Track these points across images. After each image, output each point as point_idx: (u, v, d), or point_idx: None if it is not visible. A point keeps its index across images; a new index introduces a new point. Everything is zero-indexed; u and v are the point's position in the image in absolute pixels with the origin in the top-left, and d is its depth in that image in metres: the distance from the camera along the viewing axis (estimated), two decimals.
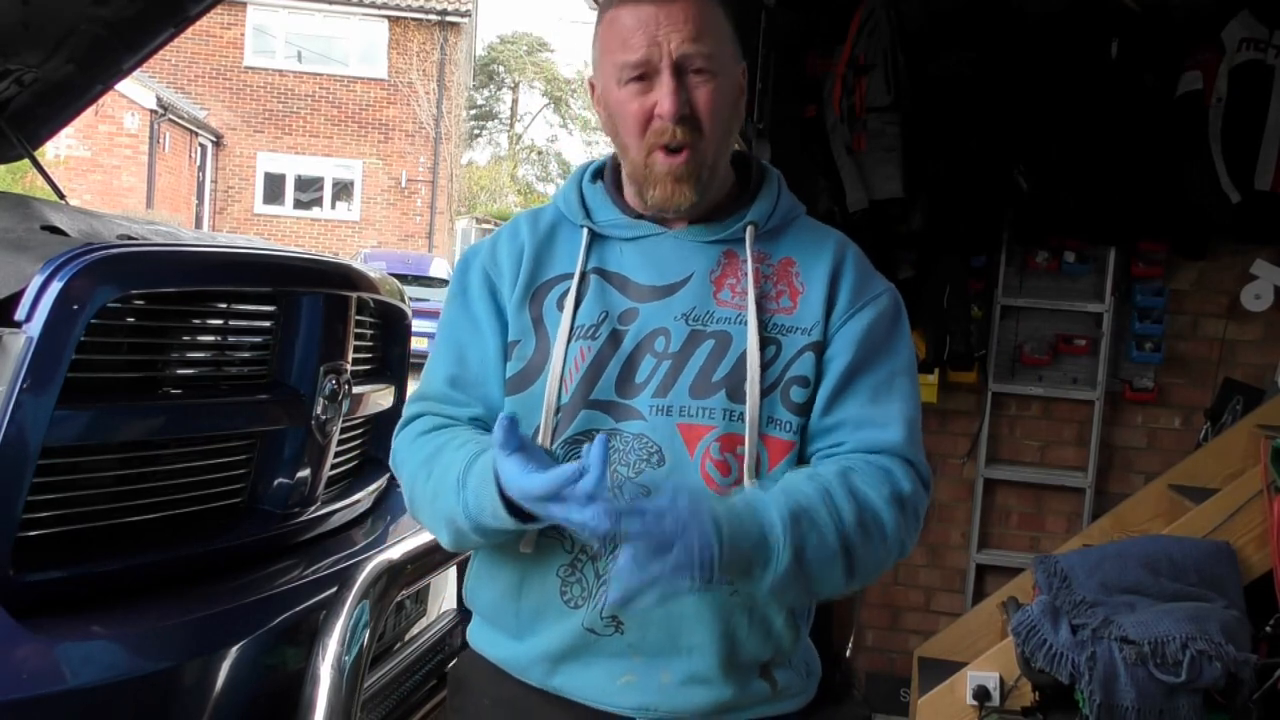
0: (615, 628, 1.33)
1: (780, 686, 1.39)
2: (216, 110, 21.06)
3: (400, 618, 2.11)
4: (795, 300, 1.39)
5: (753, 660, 1.36)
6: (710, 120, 1.34)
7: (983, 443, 4.01)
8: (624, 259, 1.40)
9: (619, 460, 1.32)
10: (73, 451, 1.56)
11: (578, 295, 1.38)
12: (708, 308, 1.37)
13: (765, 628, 1.36)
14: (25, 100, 2.85)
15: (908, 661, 3.83)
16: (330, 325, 1.98)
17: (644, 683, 1.34)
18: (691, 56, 1.32)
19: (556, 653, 1.36)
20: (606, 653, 1.34)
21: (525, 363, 1.38)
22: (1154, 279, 3.91)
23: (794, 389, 1.35)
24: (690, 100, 1.33)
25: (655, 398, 1.33)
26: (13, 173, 11.02)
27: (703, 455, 1.32)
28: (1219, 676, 2.59)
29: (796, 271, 1.40)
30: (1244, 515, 2.98)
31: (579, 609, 1.34)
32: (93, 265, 1.52)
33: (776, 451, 1.34)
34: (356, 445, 2.35)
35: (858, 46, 3.54)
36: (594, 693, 1.36)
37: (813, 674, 1.46)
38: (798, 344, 1.37)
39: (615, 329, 1.36)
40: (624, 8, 1.35)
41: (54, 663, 1.42)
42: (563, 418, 1.34)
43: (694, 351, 1.35)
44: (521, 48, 36.33)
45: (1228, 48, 3.54)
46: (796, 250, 1.42)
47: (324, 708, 1.63)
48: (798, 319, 1.37)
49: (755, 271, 1.38)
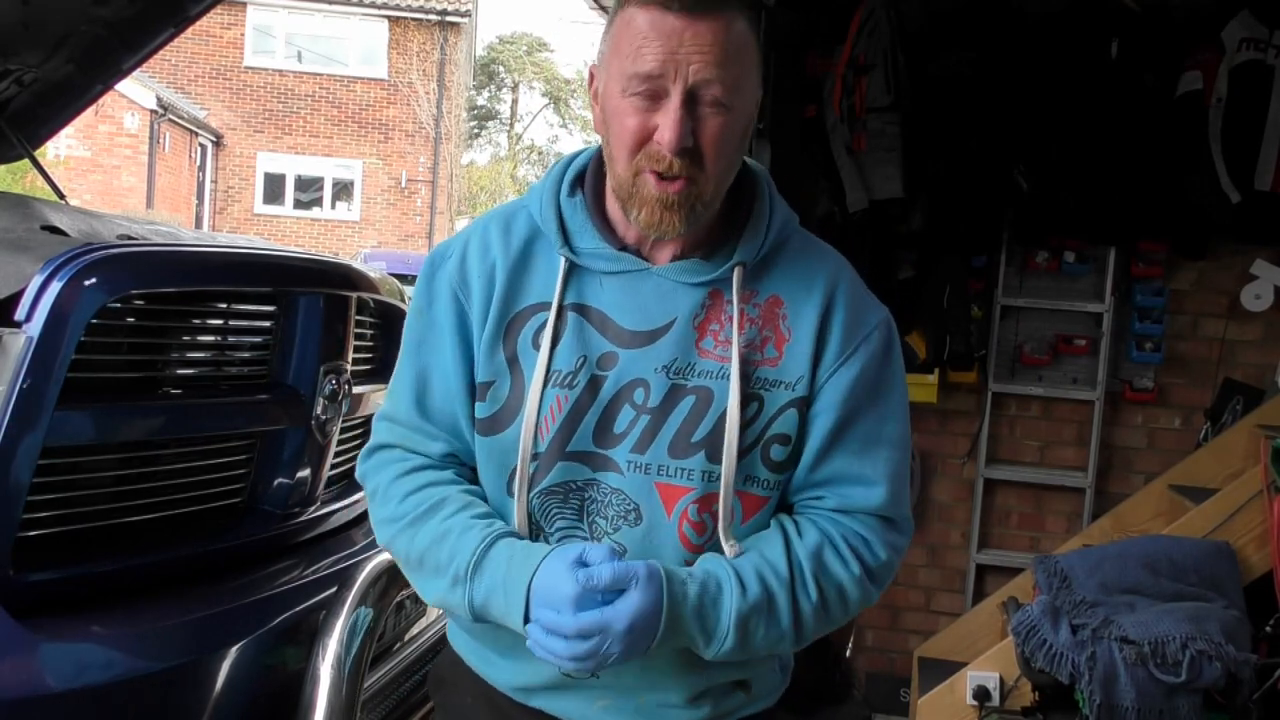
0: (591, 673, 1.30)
1: (754, 691, 1.41)
2: (216, 110, 21.06)
3: (400, 618, 2.11)
4: (781, 349, 1.31)
5: (725, 680, 1.37)
6: (715, 157, 1.24)
7: (983, 443, 4.01)
8: (604, 294, 1.31)
9: (598, 513, 1.30)
10: (73, 451, 1.56)
11: (554, 333, 1.30)
12: (690, 359, 1.29)
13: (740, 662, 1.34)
14: (25, 100, 2.85)
15: (908, 661, 3.83)
16: (330, 325, 1.98)
17: (621, 704, 1.34)
18: (710, 84, 1.21)
19: (533, 685, 1.36)
20: (580, 686, 1.34)
21: (500, 405, 1.31)
22: (1154, 279, 3.91)
23: (774, 447, 1.31)
24: (696, 132, 1.22)
25: (633, 453, 1.28)
26: (13, 173, 11.01)
27: (680, 516, 1.29)
28: (1219, 676, 2.59)
29: (784, 314, 1.32)
30: (1244, 515, 2.98)
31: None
32: (93, 265, 1.52)
33: (751, 507, 1.32)
34: (356, 445, 2.34)
35: (858, 46, 3.54)
36: (574, 714, 1.36)
37: (786, 667, 1.47)
38: (780, 400, 1.30)
39: (594, 374, 1.29)
40: (647, 10, 1.22)
41: (54, 663, 1.42)
42: (539, 468, 1.29)
43: (674, 408, 1.28)
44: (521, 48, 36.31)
45: (1228, 48, 3.54)
46: (786, 286, 1.33)
47: (324, 708, 1.63)
48: (782, 372, 1.30)
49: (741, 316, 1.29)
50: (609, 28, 1.28)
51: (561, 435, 1.29)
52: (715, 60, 1.21)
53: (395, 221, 21.50)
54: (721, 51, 1.21)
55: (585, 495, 1.30)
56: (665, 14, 1.21)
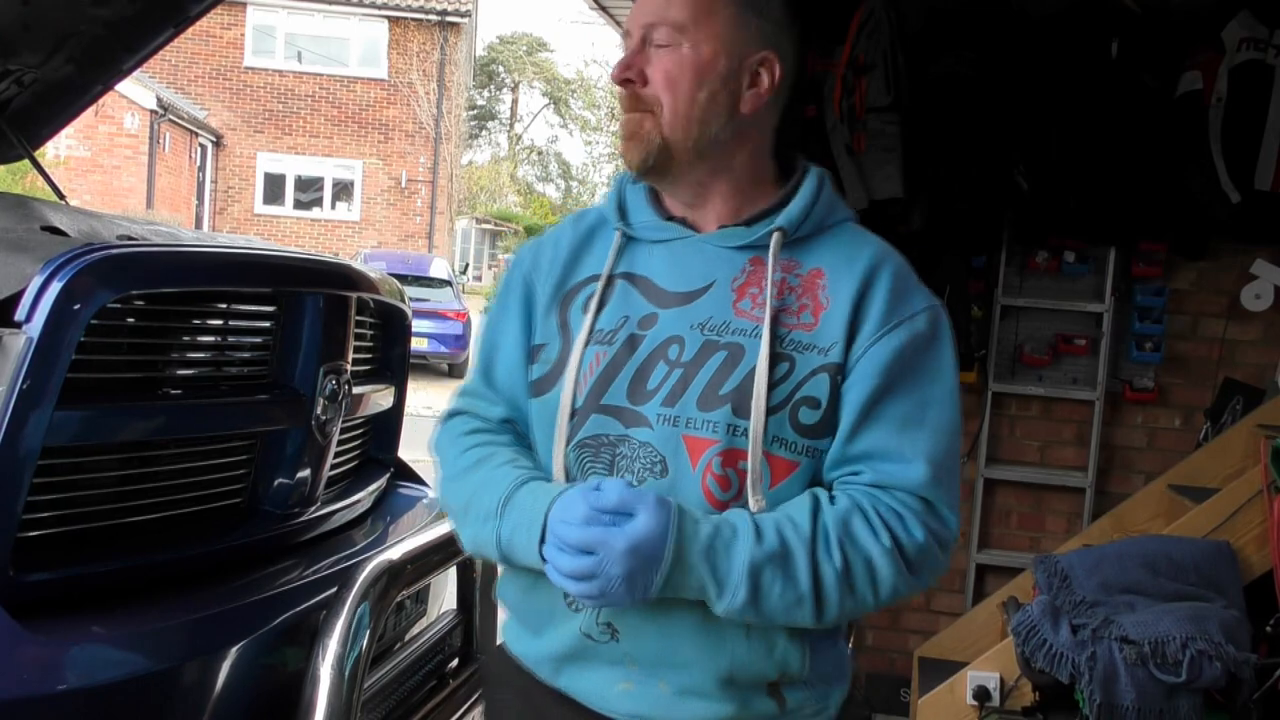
0: (611, 635, 1.33)
1: (789, 706, 1.36)
2: (216, 110, 21.07)
3: (400, 618, 2.11)
4: (817, 316, 1.33)
5: (755, 679, 1.33)
6: (665, 89, 1.33)
7: (983, 443, 4.01)
8: (651, 261, 1.38)
9: (626, 468, 1.32)
10: (73, 451, 1.56)
11: (601, 299, 1.37)
12: (725, 318, 1.33)
13: (767, 647, 1.32)
14: (25, 100, 2.85)
15: (908, 661, 3.83)
16: (330, 325, 1.98)
17: (641, 691, 1.33)
18: (656, 26, 1.33)
19: (559, 654, 1.37)
20: (605, 659, 1.34)
21: (549, 367, 1.39)
22: (1154, 279, 3.91)
23: (803, 410, 1.31)
24: (646, 69, 1.33)
25: (664, 406, 1.31)
26: (13, 173, 11.02)
27: (704, 469, 1.30)
28: (1219, 676, 2.59)
29: (824, 284, 1.34)
30: (1244, 515, 2.97)
31: (578, 613, 1.34)
32: (93, 265, 1.52)
33: (780, 471, 1.31)
34: (356, 445, 2.35)
35: (858, 46, 3.54)
36: (594, 697, 1.36)
37: (835, 692, 1.41)
38: (812, 364, 1.31)
39: (633, 334, 1.35)
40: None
41: (54, 663, 1.42)
42: (577, 421, 1.34)
43: (705, 362, 1.32)
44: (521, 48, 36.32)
45: (1228, 47, 3.54)
46: (829, 260, 1.36)
47: (324, 708, 1.63)
48: (816, 337, 1.32)
49: (781, 282, 1.34)
50: None
51: (597, 389, 1.34)
52: (661, 5, 1.33)
53: (395, 221, 21.51)
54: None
55: (616, 450, 1.33)
56: None
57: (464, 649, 2.26)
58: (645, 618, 1.31)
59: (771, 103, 1.38)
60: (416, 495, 2.56)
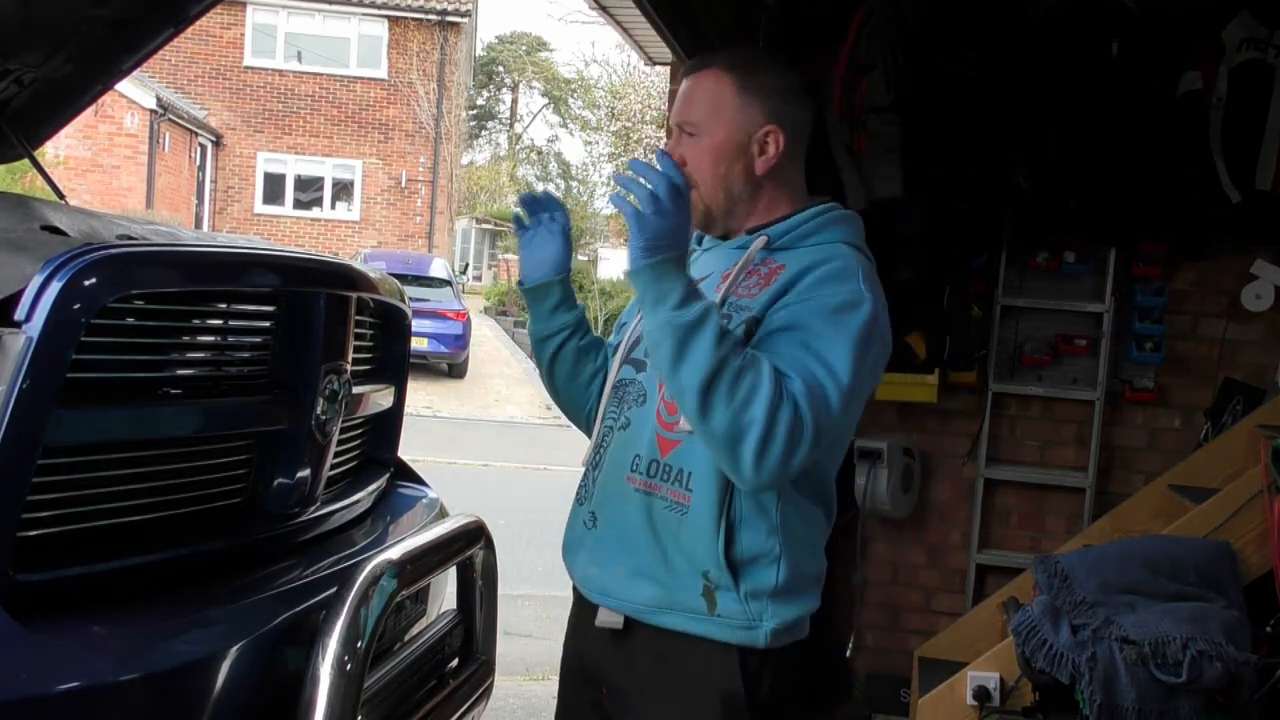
0: (594, 523, 1.77)
1: (719, 610, 1.66)
2: (216, 110, 21.07)
3: (400, 618, 2.11)
4: (761, 290, 1.68)
5: (685, 571, 1.66)
6: (692, 168, 1.72)
7: (983, 443, 4.01)
8: (696, 265, 1.78)
9: (627, 401, 1.77)
10: (73, 451, 1.56)
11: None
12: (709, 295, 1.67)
13: (690, 544, 1.66)
14: (25, 100, 2.85)
15: (908, 661, 3.83)
16: (330, 325, 1.98)
17: (604, 572, 1.74)
18: (683, 124, 1.76)
19: (569, 541, 1.83)
20: (588, 545, 1.78)
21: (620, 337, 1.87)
22: (1154, 279, 3.91)
23: None
24: (681, 155, 1.74)
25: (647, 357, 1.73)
26: (13, 173, 11.02)
27: (660, 398, 1.71)
28: (1220, 677, 2.58)
29: (780, 274, 1.69)
30: (1244, 515, 2.97)
31: (582, 504, 1.81)
32: (93, 265, 1.52)
33: None
34: (356, 445, 2.35)
35: (858, 46, 3.54)
36: (580, 579, 1.80)
37: (767, 621, 1.66)
38: (741, 319, 1.67)
39: None
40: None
41: (54, 663, 1.42)
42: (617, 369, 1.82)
43: None
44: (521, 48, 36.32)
45: (1228, 48, 3.54)
46: (795, 259, 1.70)
47: (324, 708, 1.63)
48: (752, 303, 1.68)
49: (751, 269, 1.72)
50: None
51: (630, 347, 1.81)
52: (686, 104, 1.77)
53: (395, 221, 21.52)
54: (690, 97, 1.76)
55: (627, 390, 1.78)
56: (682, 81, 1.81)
57: (464, 649, 2.26)
58: (613, 508, 1.74)
59: (785, 159, 1.76)
60: (416, 495, 2.56)
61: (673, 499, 1.67)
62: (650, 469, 1.70)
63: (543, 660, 4.78)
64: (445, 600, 2.35)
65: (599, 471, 1.79)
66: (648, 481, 1.70)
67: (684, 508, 1.66)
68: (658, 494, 1.69)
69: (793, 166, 1.79)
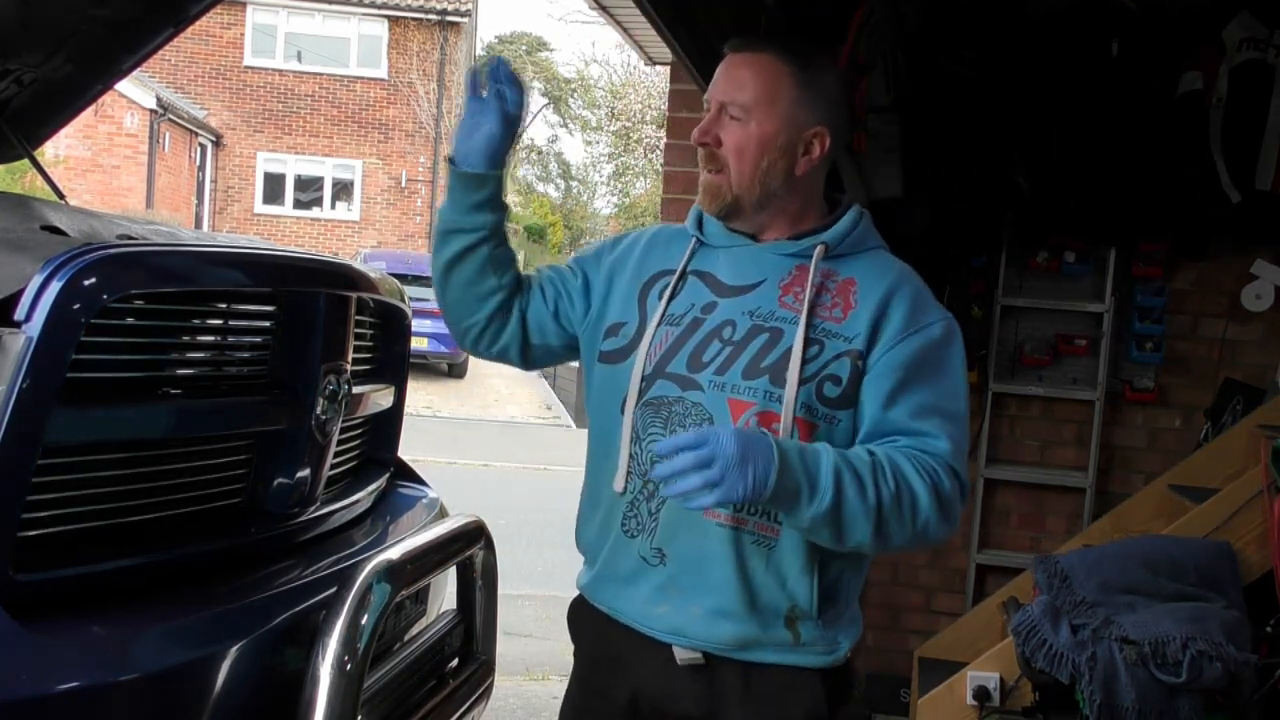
0: (660, 559, 1.63)
1: (804, 639, 1.63)
2: (216, 110, 21.06)
3: (400, 618, 2.11)
4: (846, 313, 1.62)
5: (771, 606, 1.61)
6: (732, 154, 1.64)
7: (983, 443, 4.01)
8: (718, 263, 1.70)
9: (678, 422, 1.62)
10: (73, 451, 1.56)
11: (674, 290, 1.69)
12: (771, 308, 1.63)
13: (779, 578, 1.61)
14: (25, 100, 2.84)
15: (908, 661, 3.83)
16: (330, 325, 1.98)
17: (678, 612, 1.63)
18: (729, 103, 1.64)
19: (612, 574, 1.69)
20: (650, 583, 1.64)
21: (625, 341, 1.70)
22: (1154, 279, 3.91)
23: (827, 385, 1.60)
24: (721, 135, 1.64)
25: (715, 375, 1.61)
26: (13, 173, 11.02)
27: (743, 426, 1.57)
28: (1219, 677, 2.58)
29: (855, 290, 1.64)
30: (1244, 515, 2.97)
31: (635, 538, 1.66)
32: (93, 265, 1.52)
33: (805, 433, 1.58)
34: (356, 445, 2.34)
35: (858, 46, 3.54)
36: (637, 615, 1.66)
37: (844, 641, 1.67)
38: (838, 349, 1.60)
39: (696, 317, 1.66)
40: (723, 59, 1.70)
41: (54, 663, 1.42)
42: (645, 385, 1.65)
43: (751, 341, 1.62)
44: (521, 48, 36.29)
45: (1228, 47, 3.54)
46: (860, 273, 1.66)
47: (324, 708, 1.63)
48: (844, 328, 1.61)
49: (820, 285, 1.64)
50: None
51: (664, 360, 1.65)
52: (736, 84, 1.64)
53: (395, 221, 21.51)
54: (744, 77, 1.64)
55: (672, 409, 1.63)
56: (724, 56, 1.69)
57: (464, 649, 2.26)
58: (688, 544, 1.61)
59: (822, 164, 1.69)
60: (416, 495, 2.56)
61: (760, 533, 1.60)
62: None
63: (543, 660, 4.79)
64: (445, 600, 2.35)
65: (657, 502, 1.63)
66: (734, 516, 1.59)
67: (772, 541, 1.60)
68: (745, 528, 1.60)
69: (823, 170, 1.74)
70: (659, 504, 1.63)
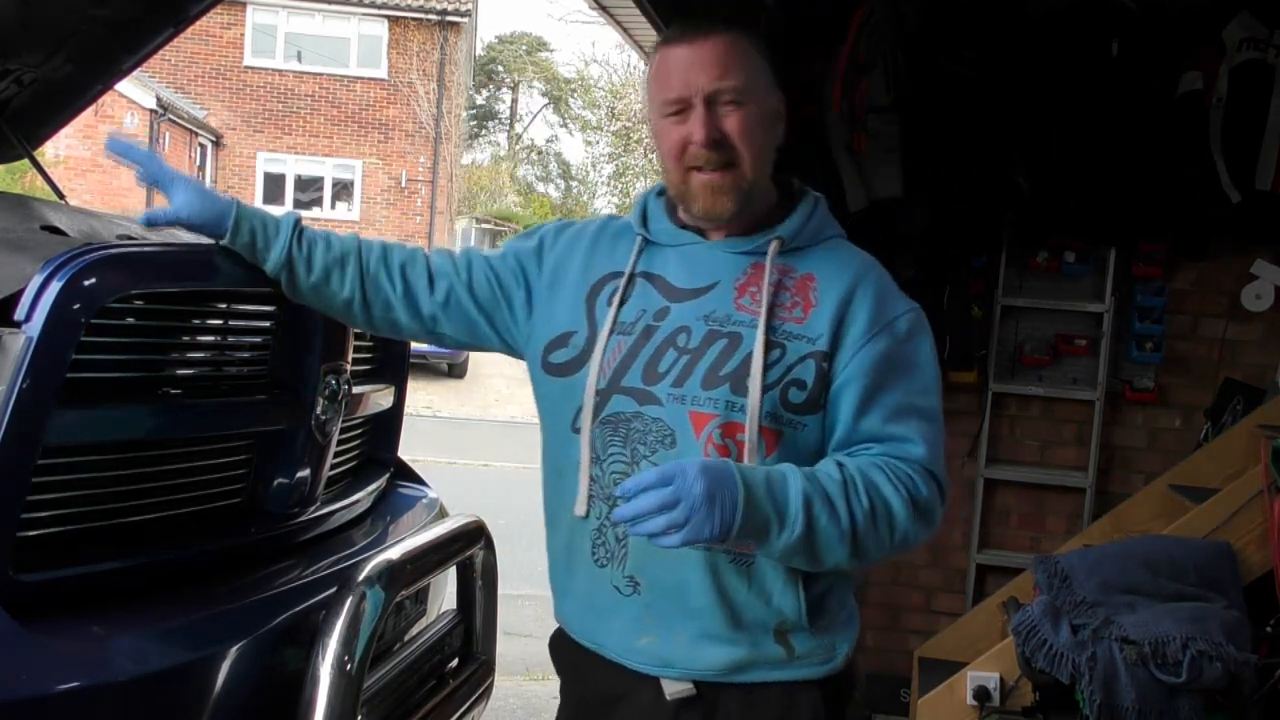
0: (634, 589, 1.54)
1: (798, 652, 1.55)
2: (216, 110, 21.06)
3: (400, 618, 2.11)
4: (807, 312, 1.53)
5: (759, 623, 1.53)
6: (742, 141, 1.52)
7: (983, 443, 4.01)
8: (667, 263, 1.60)
9: (639, 439, 1.52)
10: (73, 451, 1.56)
11: (624, 295, 1.58)
12: (727, 311, 1.53)
13: (763, 595, 1.52)
14: (25, 100, 2.84)
15: (908, 661, 3.83)
16: (330, 325, 1.98)
17: (662, 641, 1.54)
18: (721, 90, 1.51)
19: (590, 605, 1.59)
20: (627, 614, 1.55)
21: (577, 351, 1.58)
22: (1154, 279, 3.91)
23: (792, 390, 1.51)
24: (722, 127, 1.51)
25: (673, 387, 1.51)
26: (13, 173, 11.02)
27: (706, 439, 1.50)
28: (1220, 677, 2.59)
29: (815, 287, 1.55)
30: (1244, 515, 2.97)
31: (605, 567, 1.56)
32: (93, 265, 1.52)
33: (771, 441, 1.50)
34: (356, 445, 2.35)
35: (858, 46, 3.54)
36: (620, 650, 1.57)
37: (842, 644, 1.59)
38: (801, 351, 1.51)
39: (649, 325, 1.55)
40: (666, 49, 1.56)
41: (54, 663, 1.42)
42: (600, 400, 1.54)
43: (709, 348, 1.52)
44: (521, 47, 36.30)
45: (1228, 47, 3.54)
46: (820, 267, 1.56)
47: (324, 708, 1.63)
48: (806, 329, 1.52)
49: (777, 283, 1.54)
50: (649, 70, 1.61)
51: (618, 373, 1.54)
52: (720, 70, 1.51)
53: (395, 221, 21.50)
54: (724, 61, 1.52)
55: (630, 426, 1.53)
56: (677, 47, 1.54)
57: (464, 649, 2.26)
58: (661, 571, 1.51)
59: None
60: (416, 495, 2.56)
61: (736, 550, 1.50)
62: None
63: (543, 660, 4.75)
64: (445, 600, 2.35)
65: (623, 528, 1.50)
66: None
67: (750, 558, 1.51)
68: (719, 549, 1.49)
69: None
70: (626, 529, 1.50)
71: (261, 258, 1.67)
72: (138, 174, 1.67)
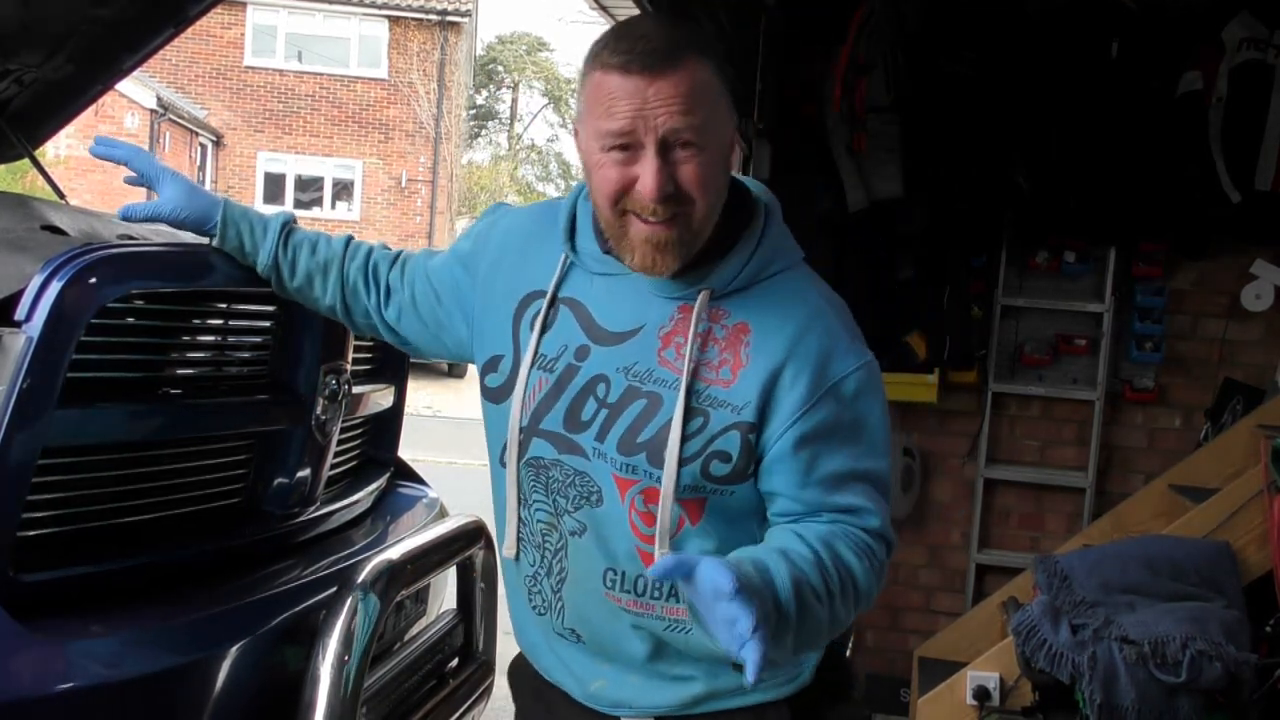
0: (577, 639, 1.46)
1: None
2: (216, 110, 21.05)
3: (400, 618, 2.11)
4: (735, 373, 1.35)
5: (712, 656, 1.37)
6: (699, 194, 1.31)
7: (983, 443, 4.01)
8: (592, 291, 1.43)
9: (558, 492, 1.41)
10: (73, 451, 1.56)
11: (546, 320, 1.43)
12: (649, 365, 1.37)
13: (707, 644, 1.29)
14: (25, 100, 2.85)
15: (908, 661, 3.83)
16: (330, 325, 1.97)
17: (616, 685, 1.45)
18: (679, 131, 1.29)
19: (546, 647, 1.50)
20: (579, 658, 1.47)
21: (504, 379, 1.46)
22: (1154, 279, 3.91)
23: (715, 463, 1.35)
24: (675, 176, 1.30)
25: (596, 441, 1.38)
26: (13, 173, 11.01)
27: (629, 504, 1.37)
28: (1219, 677, 2.59)
29: (748, 342, 1.36)
30: (1244, 515, 2.98)
31: (544, 616, 1.47)
32: (93, 265, 1.52)
33: (695, 511, 1.37)
34: (356, 445, 2.35)
35: (858, 46, 3.54)
36: (577, 689, 1.48)
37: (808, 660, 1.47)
38: (725, 420, 1.34)
39: (570, 364, 1.40)
40: (611, 73, 1.30)
41: (54, 663, 1.42)
42: (523, 440, 1.42)
43: (626, 407, 1.37)
44: (521, 47, 36.29)
45: (1228, 47, 3.54)
46: (758, 316, 1.37)
47: (324, 708, 1.63)
48: (731, 394, 1.34)
49: (707, 333, 1.36)
50: (581, 87, 1.37)
51: (539, 413, 1.41)
52: (680, 109, 1.28)
53: (395, 221, 21.49)
54: (685, 100, 1.28)
55: (550, 474, 1.41)
56: (628, 76, 1.29)
57: (464, 649, 2.26)
58: (601, 628, 1.43)
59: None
60: (416, 495, 2.56)
61: (671, 617, 1.39)
62: (638, 587, 1.39)
63: None
64: (445, 600, 2.35)
65: (556, 580, 1.44)
66: (638, 601, 1.40)
67: (685, 625, 1.38)
68: (651, 614, 1.40)
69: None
70: (559, 580, 1.44)
71: (250, 259, 1.67)
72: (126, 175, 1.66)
